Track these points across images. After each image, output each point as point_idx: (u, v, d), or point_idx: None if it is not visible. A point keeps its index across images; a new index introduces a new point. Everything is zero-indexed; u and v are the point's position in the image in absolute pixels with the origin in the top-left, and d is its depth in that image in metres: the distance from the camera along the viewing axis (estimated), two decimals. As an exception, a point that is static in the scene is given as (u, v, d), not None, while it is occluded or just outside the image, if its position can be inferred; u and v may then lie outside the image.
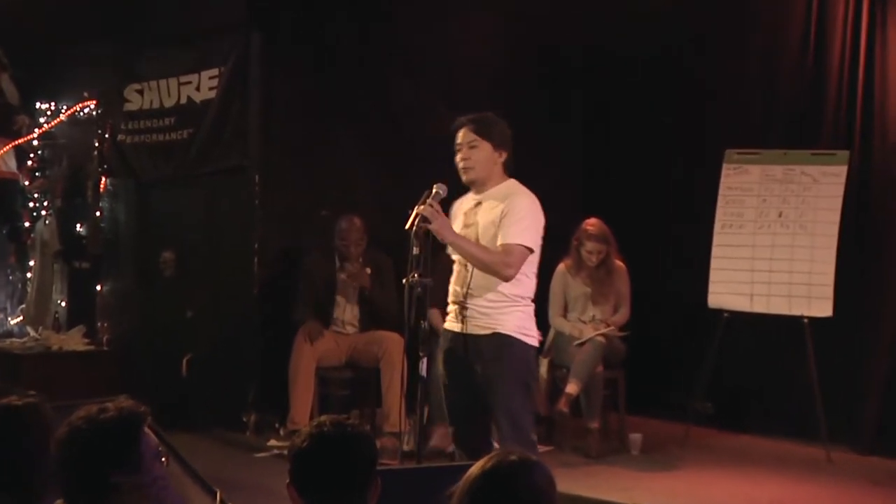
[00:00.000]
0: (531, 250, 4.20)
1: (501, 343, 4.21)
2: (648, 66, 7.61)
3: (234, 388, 6.86)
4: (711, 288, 6.69)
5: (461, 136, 4.29)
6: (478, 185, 4.32)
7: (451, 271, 4.41)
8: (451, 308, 4.36)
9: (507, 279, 4.17)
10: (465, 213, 4.35)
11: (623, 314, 6.67)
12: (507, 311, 4.22)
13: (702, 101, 7.39)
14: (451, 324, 4.36)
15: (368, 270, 6.59)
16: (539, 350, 5.77)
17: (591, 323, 6.58)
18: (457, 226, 4.33)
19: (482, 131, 4.25)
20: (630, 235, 6.84)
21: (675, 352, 7.36)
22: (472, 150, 4.26)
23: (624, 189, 7.63)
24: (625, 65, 7.68)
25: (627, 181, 7.68)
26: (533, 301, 4.32)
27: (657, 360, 7.24)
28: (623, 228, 6.73)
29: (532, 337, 4.28)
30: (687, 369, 6.96)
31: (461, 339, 4.29)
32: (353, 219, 6.59)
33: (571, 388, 6.25)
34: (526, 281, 4.26)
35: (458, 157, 4.30)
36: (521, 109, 6.69)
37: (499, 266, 4.15)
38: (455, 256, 4.34)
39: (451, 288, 4.36)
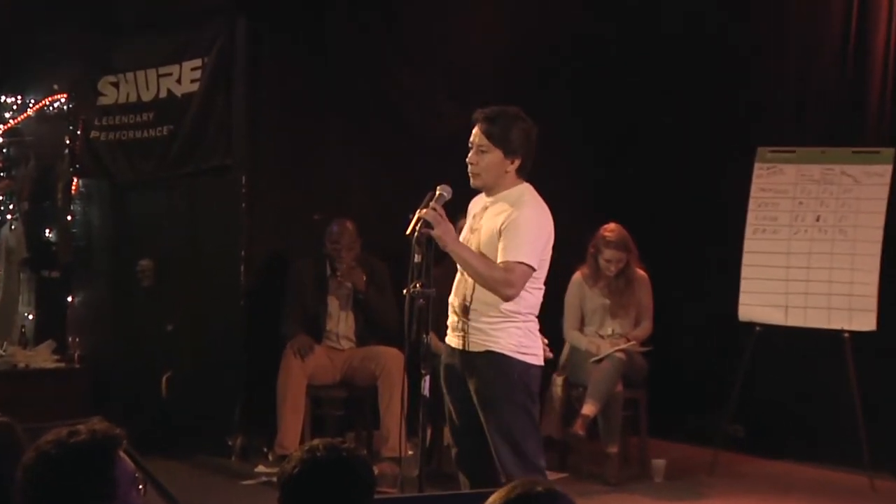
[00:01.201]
0: (532, 267, 4.20)
1: (496, 362, 4.22)
2: (671, 57, 7.61)
3: (218, 409, 6.86)
4: (742, 299, 6.68)
5: (474, 134, 4.30)
6: (487, 190, 4.33)
7: (448, 285, 4.43)
8: (451, 320, 4.37)
9: (506, 299, 4.19)
10: (474, 217, 4.36)
11: (645, 328, 6.67)
12: (503, 327, 4.23)
13: (731, 94, 7.39)
14: (450, 337, 4.37)
15: (363, 276, 6.59)
16: (553, 367, 5.79)
17: (609, 337, 6.58)
18: (465, 227, 4.35)
19: (495, 136, 4.25)
20: (652, 242, 6.83)
21: (702, 369, 7.35)
22: (481, 156, 4.27)
23: (644, 190, 7.62)
24: (645, 55, 7.69)
25: (647, 182, 7.67)
26: (535, 316, 4.32)
27: (682, 379, 7.23)
28: (644, 234, 6.73)
29: (532, 355, 4.29)
30: (715, 388, 6.95)
31: (459, 355, 4.31)
32: (345, 222, 6.60)
33: (588, 408, 6.24)
34: (527, 296, 4.26)
35: (468, 158, 4.31)
36: (530, 103, 6.67)
37: (500, 285, 4.17)
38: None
39: (452, 298, 4.37)
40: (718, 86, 7.42)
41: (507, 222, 4.19)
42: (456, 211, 4.48)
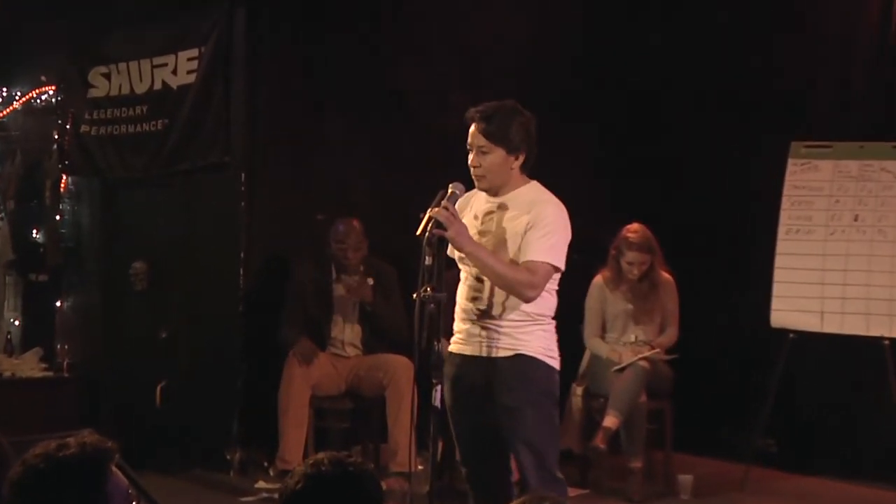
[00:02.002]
0: (558, 269, 4.22)
1: (526, 366, 4.24)
2: (697, 46, 7.60)
3: (215, 420, 6.87)
4: (774, 304, 6.67)
5: (471, 135, 4.31)
6: (493, 191, 4.34)
7: (455, 288, 4.43)
8: (461, 328, 4.37)
9: (528, 300, 4.21)
10: (479, 218, 4.35)
11: (670, 335, 6.66)
12: (531, 330, 4.26)
13: (763, 86, 7.37)
14: (460, 346, 4.36)
15: (370, 281, 6.61)
16: (572, 377, 5.78)
17: (632, 345, 6.57)
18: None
19: (494, 134, 4.25)
20: (677, 243, 6.82)
21: (732, 379, 7.34)
22: (483, 157, 4.28)
23: (669, 188, 7.61)
24: (670, 46, 7.68)
25: (673, 179, 7.66)
26: (553, 319, 4.35)
27: (710, 389, 7.22)
28: (669, 235, 6.72)
29: (556, 359, 4.34)
30: (746, 399, 6.94)
31: (475, 363, 4.30)
32: (351, 221, 6.61)
33: (610, 421, 6.24)
34: (548, 298, 4.31)
35: (469, 161, 4.32)
36: (547, 96, 6.71)
37: (523, 286, 4.18)
38: (467, 268, 4.34)
39: (461, 304, 4.37)
40: (749, 77, 7.41)
41: (532, 221, 4.20)
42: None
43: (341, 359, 6.64)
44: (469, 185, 4.33)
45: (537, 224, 4.20)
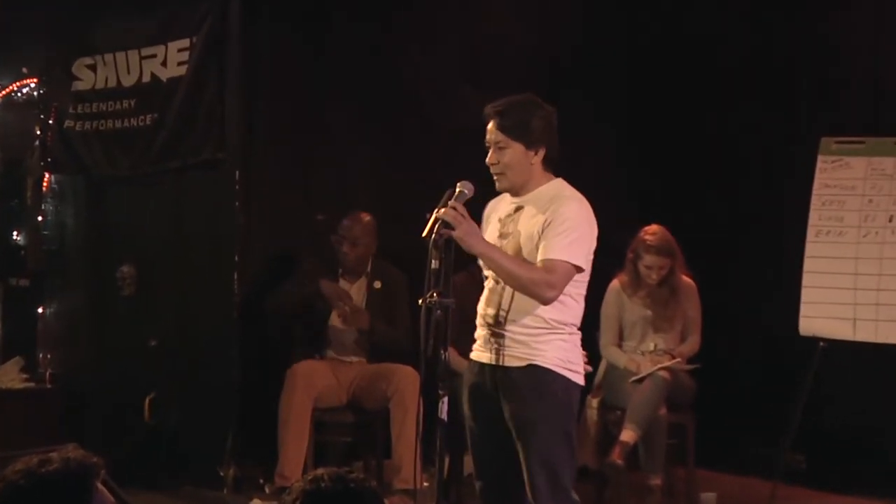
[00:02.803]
0: (579, 269, 4.21)
1: (539, 378, 4.23)
2: (721, 36, 7.60)
3: (208, 434, 6.87)
4: (803, 311, 6.66)
5: (489, 132, 4.32)
6: (515, 190, 4.34)
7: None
8: (480, 334, 4.37)
9: (546, 302, 4.19)
10: (502, 220, 4.36)
11: (692, 343, 6.66)
12: (547, 339, 4.25)
13: (790, 77, 7.37)
14: (479, 353, 4.37)
15: (378, 284, 6.60)
16: (587, 388, 5.75)
17: (651, 354, 6.57)
18: (489, 235, 4.34)
19: (511, 129, 4.26)
20: (699, 245, 6.82)
21: (758, 390, 7.34)
22: (501, 153, 4.28)
23: (689, 188, 7.61)
24: (690, 36, 7.67)
25: (693, 178, 7.66)
26: (579, 329, 4.33)
27: (735, 401, 7.22)
28: (690, 237, 6.71)
29: (577, 372, 4.31)
30: (773, 412, 6.93)
31: (490, 371, 4.30)
32: (359, 215, 6.61)
33: (628, 435, 6.23)
34: (572, 304, 4.29)
35: (488, 160, 4.32)
36: (562, 90, 6.70)
37: (539, 286, 4.16)
38: (487, 271, 4.35)
39: (481, 309, 4.38)
40: (776, 69, 7.40)
41: (550, 217, 4.19)
42: (479, 210, 4.47)
43: (343, 366, 6.63)
44: (478, 185, 4.32)
45: (555, 220, 4.18)
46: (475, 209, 4.38)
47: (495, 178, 4.33)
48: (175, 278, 7.19)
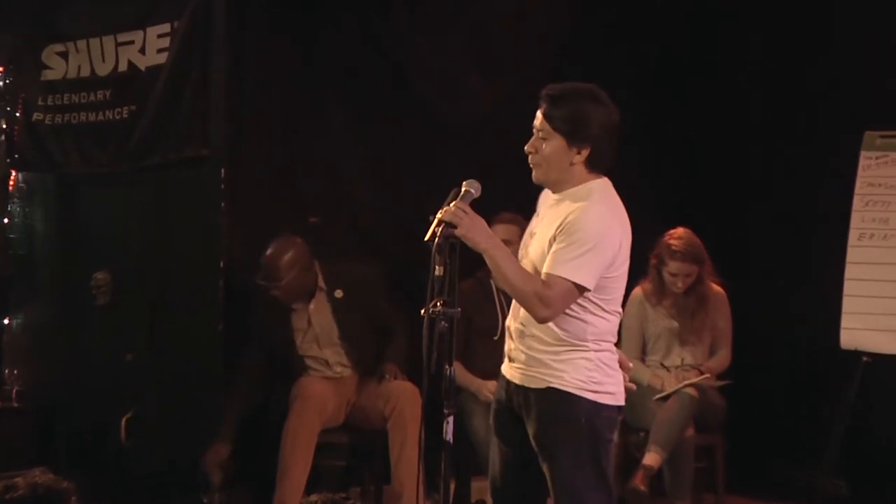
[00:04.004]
0: (581, 289, 4.17)
1: (558, 402, 4.23)
2: (755, 19, 7.60)
3: (190, 457, 6.86)
4: (844, 322, 6.67)
5: (537, 115, 4.30)
6: (551, 186, 4.33)
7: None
8: (508, 346, 4.41)
9: (540, 320, 4.17)
10: (540, 219, 4.37)
11: (722, 358, 6.67)
12: (568, 358, 4.23)
13: (829, 66, 7.36)
14: (505, 368, 4.43)
15: (339, 294, 6.60)
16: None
17: (677, 369, 6.58)
18: (530, 226, 4.37)
19: (556, 119, 4.23)
20: (729, 250, 6.83)
21: (794, 409, 7.33)
22: (541, 143, 4.27)
23: (718, 187, 7.61)
24: (723, 19, 7.67)
25: (721, 175, 7.66)
26: (613, 344, 4.32)
27: (769, 421, 7.21)
28: (718, 241, 6.72)
29: (607, 393, 4.27)
30: (811, 433, 6.93)
31: (515, 391, 4.35)
32: (275, 261, 6.49)
33: (651, 458, 6.24)
34: (593, 319, 4.24)
35: (527, 146, 4.31)
36: (580, 79, 6.70)
37: (531, 301, 4.14)
38: None
39: (508, 320, 4.43)
40: (815, 59, 7.39)
41: (564, 226, 4.17)
42: (486, 212, 4.46)
43: (337, 382, 6.62)
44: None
45: (568, 231, 4.15)
46: (483, 210, 4.38)
47: (533, 167, 4.32)
48: (154, 287, 7.19)
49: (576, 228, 4.15)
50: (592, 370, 4.24)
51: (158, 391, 7.08)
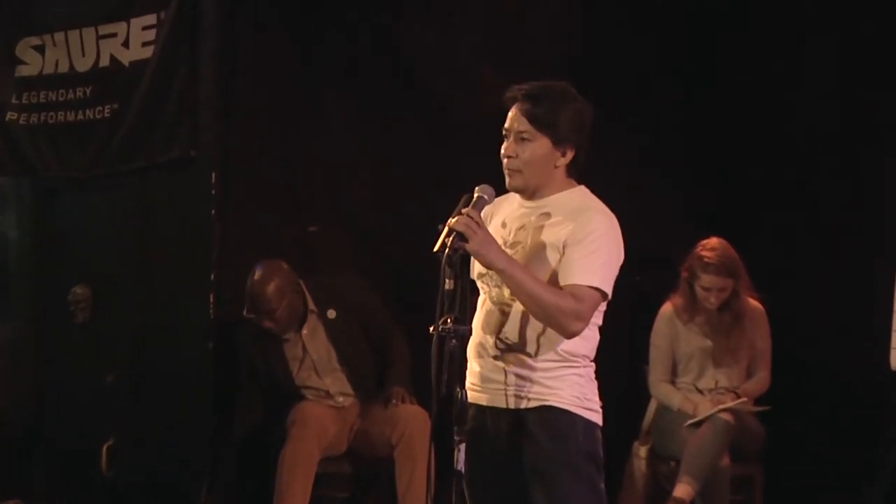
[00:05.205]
0: (606, 296, 4.21)
1: (556, 421, 4.22)
2: (794, 9, 7.61)
3: (177, 487, 6.89)
4: (894, 341, 6.66)
5: (511, 117, 4.29)
6: (528, 193, 4.33)
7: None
8: (475, 369, 4.35)
9: (569, 335, 4.17)
10: (509, 227, 4.34)
11: (760, 380, 6.67)
12: (562, 374, 4.23)
13: (877, 60, 7.37)
14: (476, 393, 4.34)
15: (332, 314, 6.61)
16: (634, 433, 5.77)
17: (711, 392, 6.57)
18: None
19: (541, 118, 4.23)
20: (768, 264, 6.82)
21: (839, 437, 7.32)
22: (522, 145, 4.26)
23: (756, 194, 7.61)
24: (775, 21, 7.67)
25: (760, 183, 7.66)
26: (592, 361, 4.34)
27: (812, 449, 7.20)
28: (755, 253, 6.72)
29: (596, 412, 4.30)
30: (856, 462, 6.92)
31: (496, 416, 4.30)
32: (261, 290, 6.52)
33: (683, 490, 6.23)
34: (588, 335, 4.27)
35: (503, 151, 4.31)
36: (598, 74, 6.72)
37: (567, 317, 4.14)
38: (486, 287, 4.33)
39: (478, 336, 4.33)
40: (856, 50, 7.40)
41: (578, 234, 4.18)
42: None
43: (338, 411, 6.64)
44: (500, 186, 4.32)
45: (584, 238, 4.16)
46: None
47: (508, 174, 4.30)
48: (138, 302, 7.21)
49: (596, 236, 4.17)
50: (584, 386, 4.27)
51: (142, 415, 7.10)
